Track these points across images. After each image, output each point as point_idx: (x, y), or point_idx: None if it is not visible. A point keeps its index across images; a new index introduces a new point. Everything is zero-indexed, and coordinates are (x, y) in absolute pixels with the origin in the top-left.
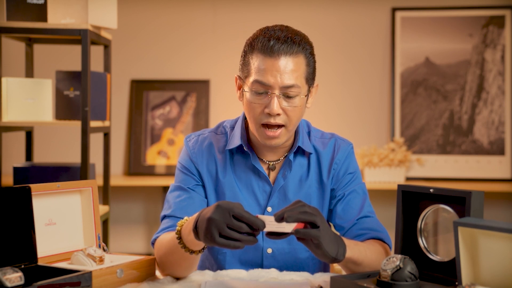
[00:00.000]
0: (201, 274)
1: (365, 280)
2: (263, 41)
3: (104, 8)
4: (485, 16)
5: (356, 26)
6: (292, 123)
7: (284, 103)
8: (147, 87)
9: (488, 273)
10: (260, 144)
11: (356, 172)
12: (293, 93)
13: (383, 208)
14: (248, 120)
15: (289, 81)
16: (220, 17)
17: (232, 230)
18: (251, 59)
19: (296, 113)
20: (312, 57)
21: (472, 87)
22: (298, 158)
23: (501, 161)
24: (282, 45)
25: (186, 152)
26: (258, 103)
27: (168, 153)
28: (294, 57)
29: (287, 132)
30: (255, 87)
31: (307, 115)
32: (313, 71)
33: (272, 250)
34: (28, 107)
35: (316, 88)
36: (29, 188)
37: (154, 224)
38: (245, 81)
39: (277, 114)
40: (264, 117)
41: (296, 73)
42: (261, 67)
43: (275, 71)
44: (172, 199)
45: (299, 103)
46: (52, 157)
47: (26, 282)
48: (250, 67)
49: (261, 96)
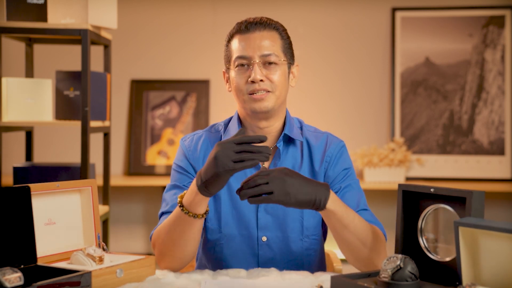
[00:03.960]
0: (200, 273)
1: (365, 279)
2: (238, 25)
3: (104, 8)
4: (485, 16)
5: (356, 26)
6: (278, 88)
7: (265, 71)
8: (147, 87)
9: (488, 273)
10: (253, 131)
11: (351, 169)
12: (273, 60)
13: (383, 208)
14: (237, 98)
15: (266, 50)
16: (220, 17)
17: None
18: (231, 45)
19: (279, 78)
20: (286, 35)
21: (472, 87)
22: (290, 148)
23: (501, 161)
24: (256, 24)
25: (182, 152)
26: (241, 76)
27: (168, 153)
28: (268, 31)
29: (274, 97)
30: (237, 63)
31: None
32: (290, 47)
33: (266, 238)
34: (28, 107)
35: (297, 68)
36: (28, 188)
37: (154, 224)
38: (230, 66)
39: (260, 80)
40: (249, 86)
41: (272, 43)
42: (240, 44)
43: (252, 43)
44: (169, 197)
45: (280, 71)
46: (52, 157)
47: (25, 282)
48: (230, 50)
49: (244, 69)
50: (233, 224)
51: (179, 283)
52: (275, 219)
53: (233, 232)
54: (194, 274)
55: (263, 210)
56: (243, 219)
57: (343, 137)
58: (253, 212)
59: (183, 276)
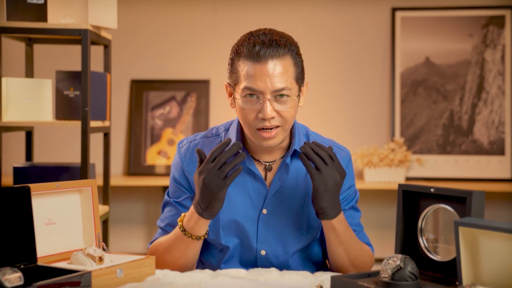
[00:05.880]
0: (200, 273)
1: (365, 279)
2: (248, 47)
3: (104, 8)
4: (485, 16)
5: (356, 26)
6: (287, 123)
7: (276, 106)
8: (147, 87)
9: (488, 273)
10: (256, 146)
11: (354, 185)
12: (285, 95)
13: (383, 208)
14: (243, 126)
15: (279, 84)
16: (220, 17)
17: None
18: (238, 66)
19: (290, 113)
20: (299, 57)
21: (472, 87)
22: (294, 161)
23: (501, 161)
24: (268, 49)
25: (178, 161)
26: (250, 108)
27: (168, 153)
28: (281, 59)
29: (283, 131)
30: (246, 94)
31: (307, 116)
32: (302, 70)
33: (265, 252)
34: (28, 107)
35: (306, 86)
36: (28, 188)
37: (154, 224)
38: (235, 88)
39: (271, 117)
40: (259, 122)
41: (285, 75)
42: (249, 73)
43: (264, 76)
44: (166, 213)
45: (291, 104)
46: (52, 157)
47: (25, 282)
48: (238, 74)
49: (253, 101)
50: (232, 235)
51: (179, 283)
52: (275, 234)
53: (233, 242)
54: (194, 274)
55: (264, 224)
56: (243, 230)
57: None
58: (253, 224)
59: (183, 276)
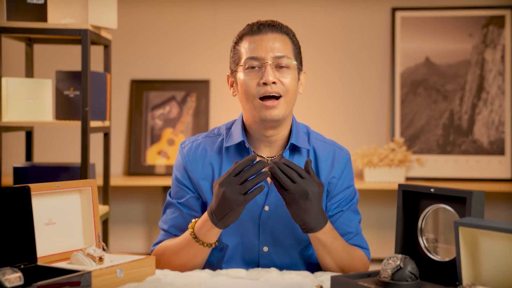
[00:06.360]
0: (200, 273)
1: (366, 279)
2: (249, 27)
3: (104, 8)
4: (485, 16)
5: (356, 26)
6: (289, 93)
7: (278, 74)
8: (147, 87)
9: (488, 273)
10: (258, 139)
11: (352, 186)
12: (285, 64)
13: (383, 208)
14: (246, 101)
15: (279, 52)
16: (220, 17)
17: (243, 183)
18: (240, 47)
19: (291, 84)
20: (296, 40)
21: (472, 87)
22: (296, 156)
23: (501, 161)
24: (268, 26)
25: (180, 161)
26: (252, 78)
27: (168, 153)
28: (280, 35)
29: (285, 103)
30: (248, 64)
31: (307, 116)
32: (299, 52)
33: (268, 249)
34: (28, 107)
35: (304, 75)
36: (28, 188)
37: (154, 224)
38: (237, 68)
39: (273, 82)
40: (261, 89)
41: (285, 46)
42: (251, 45)
43: (265, 44)
44: (167, 214)
45: (292, 76)
46: (52, 157)
47: (25, 282)
48: (240, 52)
49: (255, 71)
50: (234, 233)
51: (179, 283)
52: (277, 231)
53: (235, 240)
54: (194, 274)
55: (266, 221)
56: (245, 228)
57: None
58: (255, 222)
59: (183, 276)
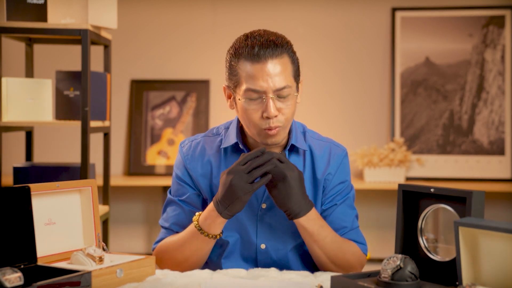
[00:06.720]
0: (200, 273)
1: (365, 279)
2: (247, 49)
3: (104, 8)
4: (485, 16)
5: (356, 26)
6: (288, 120)
7: (279, 104)
8: (147, 87)
9: (488, 273)
10: (256, 143)
11: (347, 181)
12: (286, 93)
13: (383, 208)
14: (246, 126)
15: (280, 83)
16: (220, 17)
17: (250, 172)
18: (238, 68)
19: (291, 110)
20: (294, 54)
21: (472, 87)
22: (292, 156)
23: (501, 161)
24: (266, 49)
25: (180, 159)
26: (254, 109)
27: (168, 153)
28: (280, 58)
29: (284, 129)
30: (248, 95)
31: (307, 116)
32: (298, 67)
33: (265, 246)
34: (28, 107)
35: (301, 83)
36: (28, 188)
37: (154, 224)
38: (236, 90)
39: (275, 116)
40: (264, 123)
41: (285, 73)
42: (250, 74)
43: (265, 75)
44: (169, 212)
45: (292, 101)
46: (52, 157)
47: (25, 282)
48: (238, 76)
49: (256, 102)
50: (232, 229)
51: (179, 283)
52: (274, 228)
53: (233, 237)
54: (194, 274)
55: (263, 218)
56: (243, 225)
57: (343, 137)
58: (253, 219)
59: (183, 276)
